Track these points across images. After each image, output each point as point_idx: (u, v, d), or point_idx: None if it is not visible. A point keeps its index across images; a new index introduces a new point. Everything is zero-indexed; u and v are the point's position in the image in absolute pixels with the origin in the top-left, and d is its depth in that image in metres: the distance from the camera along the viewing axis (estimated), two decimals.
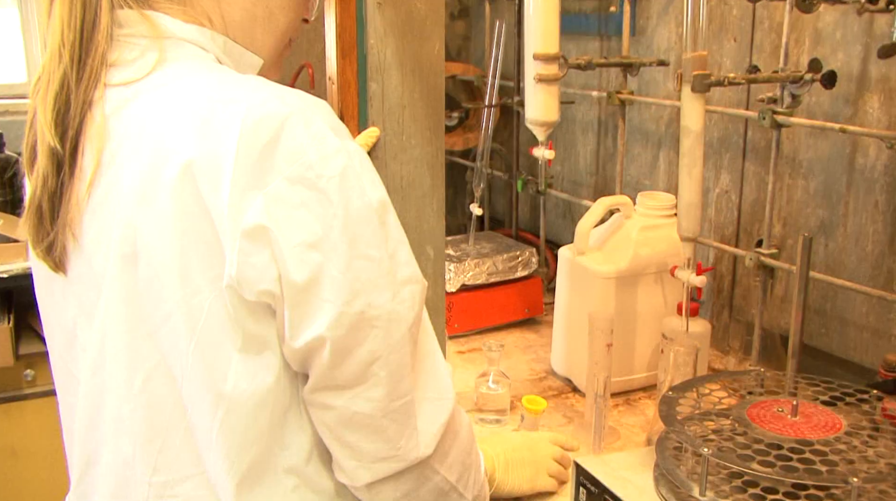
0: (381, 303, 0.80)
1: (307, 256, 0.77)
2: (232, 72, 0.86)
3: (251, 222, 0.76)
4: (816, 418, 1.06)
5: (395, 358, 0.82)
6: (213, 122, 0.77)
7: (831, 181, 1.45)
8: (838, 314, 1.46)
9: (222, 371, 0.80)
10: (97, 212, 0.83)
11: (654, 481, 1.08)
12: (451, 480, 0.91)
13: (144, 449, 0.84)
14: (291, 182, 0.76)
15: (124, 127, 0.83)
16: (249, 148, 0.76)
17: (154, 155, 0.79)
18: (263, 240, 0.76)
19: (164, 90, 0.83)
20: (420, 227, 1.40)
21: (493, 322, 1.84)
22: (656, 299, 1.51)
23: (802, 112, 1.43)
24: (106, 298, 0.84)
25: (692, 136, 1.23)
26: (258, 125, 0.76)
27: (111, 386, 0.85)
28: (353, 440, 0.84)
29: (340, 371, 0.80)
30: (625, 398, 1.52)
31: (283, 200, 0.76)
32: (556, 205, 2.16)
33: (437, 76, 1.36)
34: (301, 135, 0.77)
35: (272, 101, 0.78)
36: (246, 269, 0.77)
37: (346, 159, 0.78)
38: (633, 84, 1.80)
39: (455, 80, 2.37)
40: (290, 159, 0.76)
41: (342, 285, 0.77)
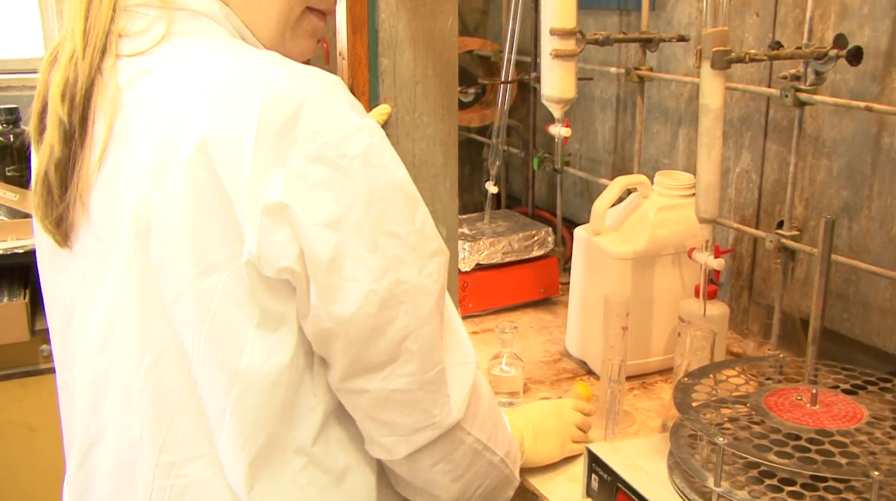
0: (408, 279, 0.80)
1: (327, 235, 0.76)
2: (248, 47, 0.84)
3: (271, 199, 0.75)
4: (837, 407, 1.03)
5: (426, 331, 0.83)
6: (230, 99, 0.76)
7: (856, 161, 1.41)
8: (861, 298, 1.42)
9: (237, 348, 0.79)
10: (108, 186, 0.82)
11: (667, 469, 1.05)
12: (483, 439, 0.94)
13: (152, 430, 0.83)
14: (312, 160, 0.75)
15: (138, 100, 0.81)
16: (270, 125, 0.75)
17: (169, 131, 0.78)
18: (284, 217, 0.75)
19: (178, 63, 0.81)
20: (433, 206, 1.37)
21: (508, 302, 1.82)
22: (674, 281, 1.48)
23: (826, 90, 1.39)
24: (116, 275, 0.83)
25: (711, 115, 1.20)
26: (278, 102, 0.75)
27: (118, 365, 0.84)
28: (390, 417, 0.85)
29: (374, 350, 0.81)
30: (641, 381, 1.50)
31: (304, 178, 0.75)
32: (573, 184, 2.12)
33: (451, 51, 1.33)
34: (322, 113, 0.76)
35: (291, 79, 0.77)
36: (266, 246, 0.76)
37: (368, 138, 0.78)
38: (652, 60, 1.75)
39: (472, 55, 2.33)
40: (311, 137, 0.75)
41: (368, 263, 0.77)
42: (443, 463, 0.90)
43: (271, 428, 0.82)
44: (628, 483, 1.04)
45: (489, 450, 0.95)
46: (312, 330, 0.80)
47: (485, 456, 0.95)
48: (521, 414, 1.22)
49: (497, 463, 0.97)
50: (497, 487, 0.99)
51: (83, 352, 0.88)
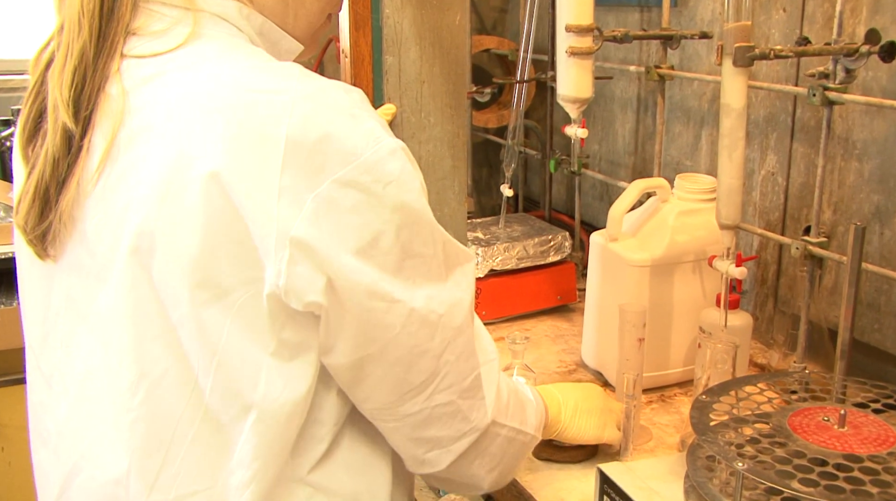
0: (439, 293, 0.79)
1: (358, 262, 0.72)
2: (269, 57, 0.79)
3: (298, 228, 0.70)
4: (867, 429, 0.96)
5: (462, 340, 0.82)
6: (253, 117, 0.70)
7: (888, 164, 1.33)
8: (893, 309, 1.35)
9: (251, 377, 0.74)
10: (106, 198, 0.76)
11: (683, 494, 0.99)
12: (516, 426, 0.94)
13: (142, 464, 0.77)
14: (342, 185, 0.71)
15: (147, 107, 0.75)
16: (298, 146, 0.70)
17: (183, 146, 0.72)
18: (311, 248, 0.71)
19: (194, 71, 0.75)
20: (440, 211, 1.32)
21: (523, 309, 1.75)
22: (694, 290, 1.41)
23: (857, 88, 1.31)
24: (112, 293, 0.76)
25: (733, 115, 1.13)
26: (307, 121, 0.70)
27: (108, 391, 0.78)
28: (433, 433, 0.84)
29: (416, 369, 0.80)
30: (659, 394, 1.43)
31: (334, 205, 0.71)
32: (592, 187, 2.06)
33: (459, 49, 1.27)
34: (354, 134, 0.71)
35: (319, 95, 0.72)
36: (295, 279, 0.72)
37: (402, 161, 0.75)
38: (674, 58, 1.69)
39: (489, 54, 2.28)
40: (342, 160, 0.71)
41: (399, 284, 0.76)
42: (480, 459, 0.90)
43: (282, 461, 0.78)
44: None
45: (522, 433, 0.96)
46: (347, 361, 0.77)
47: (518, 440, 0.95)
48: (566, 389, 1.18)
49: (528, 442, 0.98)
50: (525, 454, 1.00)
51: (65, 374, 0.82)
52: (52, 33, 0.79)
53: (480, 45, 2.20)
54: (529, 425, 0.97)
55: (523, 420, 0.96)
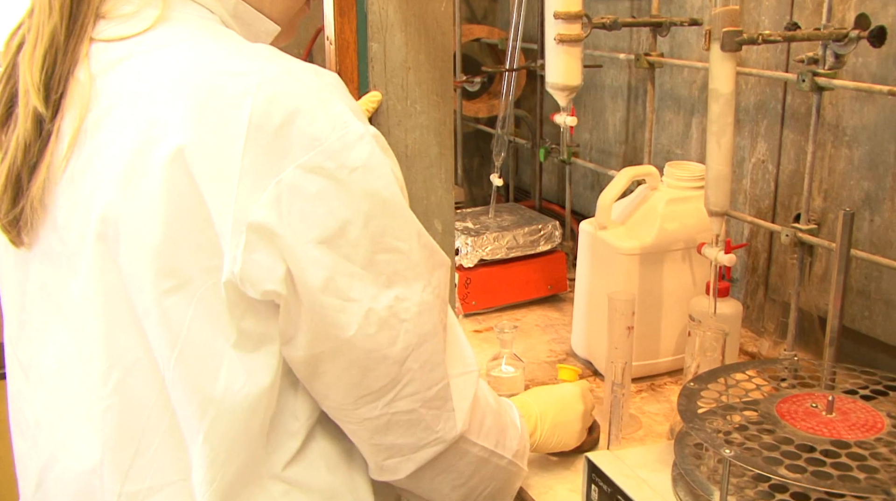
0: (410, 296, 0.75)
1: (320, 253, 0.69)
2: (239, 38, 0.77)
3: (260, 214, 0.68)
4: (855, 415, 0.95)
5: (428, 347, 0.78)
6: (217, 97, 0.69)
7: (878, 150, 1.32)
8: (883, 296, 1.34)
9: (212, 369, 0.72)
10: (75, 182, 0.75)
11: (671, 482, 0.98)
12: (490, 446, 0.89)
13: (116, 454, 0.76)
14: (307, 170, 0.68)
15: (113, 91, 0.73)
16: (261, 129, 0.68)
17: (146, 129, 0.70)
18: (271, 235, 0.68)
19: (161, 53, 0.74)
20: (427, 199, 1.31)
21: (514, 299, 1.74)
22: (684, 277, 1.40)
23: (847, 74, 1.30)
24: (82, 281, 0.75)
25: (722, 101, 1.12)
26: (271, 103, 0.68)
27: (82, 381, 0.77)
28: (392, 439, 0.80)
29: (375, 374, 0.76)
30: (649, 383, 1.42)
31: (297, 191, 0.68)
32: (583, 176, 2.05)
33: (445, 35, 1.26)
34: (320, 117, 0.69)
35: (287, 77, 0.70)
36: (251, 267, 0.69)
37: (370, 147, 0.72)
38: (664, 46, 1.67)
39: (479, 43, 2.26)
40: (307, 145, 0.68)
41: (366, 281, 0.71)
42: (445, 474, 0.86)
43: (246, 456, 0.76)
44: (629, 495, 0.96)
45: (496, 455, 0.90)
46: (303, 354, 0.74)
47: (491, 462, 0.90)
48: (542, 398, 1.12)
49: (505, 466, 0.92)
50: (505, 486, 0.94)
51: (40, 364, 0.81)
52: (23, 17, 0.78)
53: (470, 35, 2.19)
54: (507, 449, 0.92)
55: (500, 442, 0.91)
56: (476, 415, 0.87)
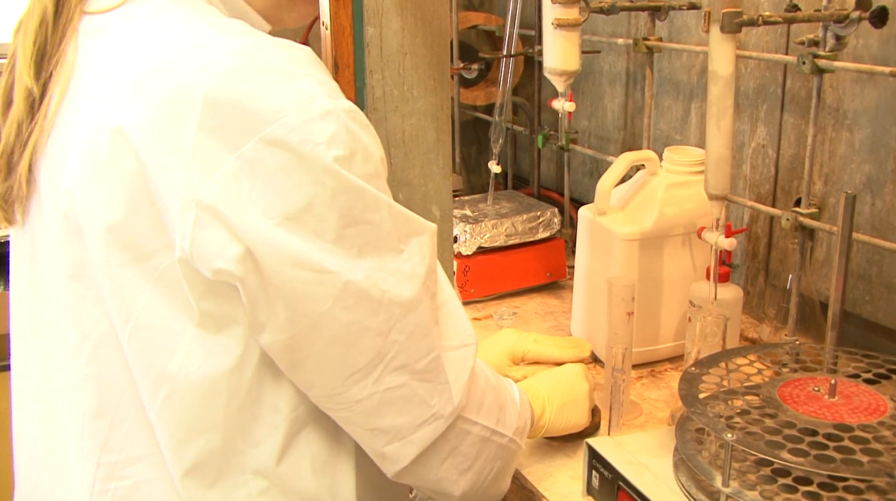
0: (387, 264, 0.73)
1: (288, 229, 0.67)
2: (216, 14, 0.76)
3: (212, 191, 0.66)
4: (858, 399, 0.95)
5: (413, 318, 0.75)
6: (176, 70, 0.67)
7: (879, 133, 1.31)
8: (885, 280, 1.33)
9: (168, 348, 0.71)
10: (53, 158, 0.75)
11: (673, 467, 0.97)
12: (490, 425, 0.87)
13: (94, 424, 0.76)
14: (268, 144, 0.66)
15: (86, 64, 0.74)
16: (219, 102, 0.66)
17: (102, 105, 0.70)
18: (225, 211, 0.66)
19: (131, 26, 0.73)
20: (425, 186, 1.29)
21: (513, 286, 1.73)
22: (684, 263, 1.39)
23: (848, 56, 1.29)
24: (55, 254, 0.76)
25: (721, 83, 1.11)
26: (232, 77, 0.66)
27: (61, 352, 0.77)
28: (389, 421, 0.78)
29: (359, 348, 0.73)
30: (649, 369, 1.41)
31: (258, 165, 0.66)
32: (582, 163, 2.03)
33: (442, 20, 1.25)
34: (283, 91, 0.67)
35: (252, 50, 0.68)
36: (201, 244, 0.67)
37: (335, 123, 0.69)
38: (662, 31, 1.66)
39: (477, 30, 2.25)
40: (269, 119, 0.66)
41: (338, 254, 0.69)
42: (451, 459, 0.83)
43: (212, 442, 0.74)
44: (630, 481, 0.96)
45: (498, 434, 0.89)
46: (281, 338, 0.71)
47: (493, 441, 0.88)
48: (547, 381, 1.10)
49: (506, 444, 0.91)
50: (507, 465, 0.93)
51: (33, 335, 0.81)
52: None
53: (468, 22, 2.17)
54: (507, 427, 0.90)
55: (500, 420, 0.89)
56: (475, 392, 0.85)
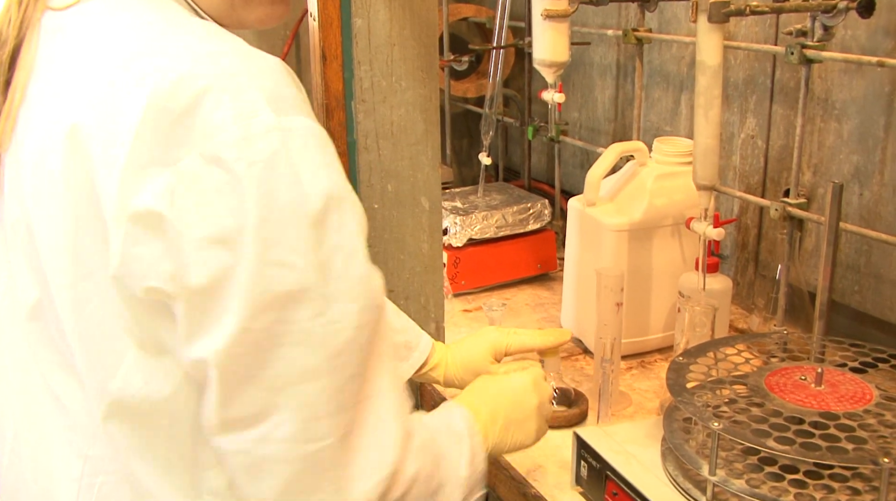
0: (296, 320, 0.65)
1: (211, 254, 0.63)
2: (181, 13, 0.72)
3: (145, 204, 0.63)
4: (844, 387, 0.95)
5: (309, 389, 0.67)
6: (123, 77, 0.65)
7: (867, 124, 1.31)
8: (873, 270, 1.33)
9: (111, 365, 0.69)
10: (14, 157, 0.74)
11: (660, 456, 0.98)
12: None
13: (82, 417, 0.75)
14: (207, 161, 0.63)
15: (45, 63, 0.72)
16: (161, 112, 0.63)
17: (55, 107, 0.68)
18: (158, 227, 0.63)
19: (91, 26, 0.71)
20: (413, 177, 1.30)
21: (503, 278, 1.74)
22: (673, 253, 1.40)
23: (836, 47, 1.29)
24: (15, 260, 0.75)
25: (709, 73, 1.11)
26: (177, 86, 0.63)
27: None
28: (264, 492, 0.69)
29: (245, 396, 0.66)
30: (639, 360, 1.42)
31: (196, 181, 0.63)
32: (572, 155, 2.03)
33: (430, 11, 1.25)
34: (227, 106, 0.63)
35: (203, 59, 0.65)
36: (131, 261, 0.64)
37: (278, 142, 0.64)
38: (652, 22, 1.66)
39: (467, 22, 2.24)
40: (208, 134, 0.63)
41: (249, 295, 0.64)
42: None
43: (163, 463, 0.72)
44: (618, 471, 0.96)
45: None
46: (189, 361, 0.67)
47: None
48: (490, 396, 0.96)
49: None
50: None
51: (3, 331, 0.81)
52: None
53: (458, 14, 2.17)
54: None
55: None
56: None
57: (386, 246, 1.30)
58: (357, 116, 1.23)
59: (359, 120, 1.23)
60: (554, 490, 1.07)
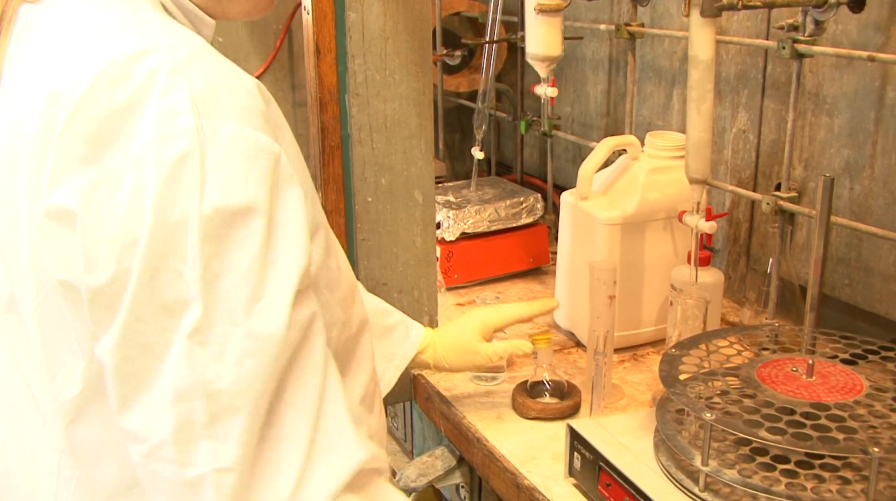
0: (179, 333, 0.62)
1: (114, 255, 0.61)
2: (145, 10, 0.71)
3: (61, 200, 0.62)
4: (834, 378, 0.96)
5: (184, 409, 0.62)
6: (64, 73, 0.64)
7: (858, 118, 1.32)
8: (863, 263, 1.34)
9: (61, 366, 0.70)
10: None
11: (653, 447, 0.98)
12: None
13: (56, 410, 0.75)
14: (126, 160, 0.61)
15: (16, 58, 0.72)
16: (93, 110, 0.62)
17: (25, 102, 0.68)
18: (71, 223, 0.62)
19: (54, 22, 0.71)
20: (407, 171, 1.30)
21: (496, 272, 1.74)
22: (665, 247, 1.40)
23: (827, 42, 1.30)
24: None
25: (701, 67, 1.11)
26: (114, 84, 0.62)
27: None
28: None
29: (131, 409, 0.64)
30: (631, 353, 1.42)
31: (112, 180, 0.61)
32: (565, 149, 2.04)
33: (423, 5, 1.25)
34: (155, 105, 0.62)
35: (147, 55, 0.63)
36: (46, 254, 0.64)
37: (188, 145, 0.61)
38: (644, 17, 1.67)
39: (460, 17, 2.24)
40: (133, 133, 0.62)
41: (139, 297, 0.62)
42: None
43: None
44: (611, 462, 0.97)
45: None
46: (95, 360, 0.66)
47: None
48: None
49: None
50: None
51: None
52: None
53: (451, 8, 2.17)
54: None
55: None
56: None
57: (380, 239, 1.30)
58: (351, 110, 1.23)
59: (353, 113, 1.23)
60: (547, 481, 1.08)
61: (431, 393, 1.31)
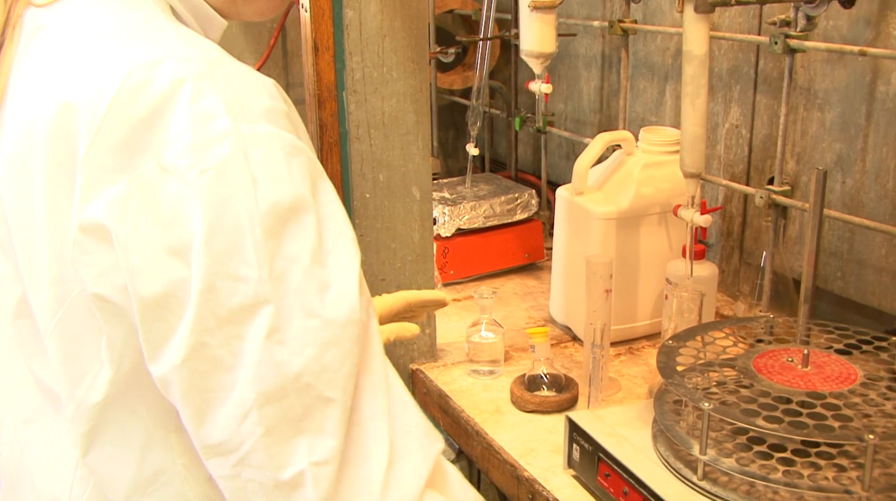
0: (253, 337, 0.62)
1: (164, 266, 0.61)
2: (155, 15, 0.71)
3: (96, 213, 0.62)
4: (829, 368, 0.97)
5: (273, 411, 0.62)
6: (86, 81, 0.64)
7: (849, 112, 1.34)
8: (856, 256, 1.36)
9: (82, 370, 0.69)
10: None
11: (651, 438, 1.00)
12: None
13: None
14: (163, 169, 0.61)
15: (25, 63, 0.71)
16: (121, 118, 0.61)
17: (29, 108, 0.68)
18: (108, 236, 0.62)
19: (66, 25, 0.70)
20: (405, 167, 1.31)
21: (491, 268, 1.75)
22: (660, 241, 1.42)
23: (819, 36, 1.32)
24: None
25: (695, 62, 1.13)
26: (140, 91, 0.61)
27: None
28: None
29: (213, 422, 0.63)
30: (627, 346, 1.44)
31: (149, 192, 0.61)
32: (558, 145, 2.05)
33: (420, 2, 1.26)
34: (187, 110, 0.61)
35: (167, 63, 0.63)
36: (82, 268, 0.64)
37: (231, 148, 0.61)
38: (637, 13, 1.68)
39: (453, 15, 2.25)
40: (166, 141, 0.61)
41: (202, 308, 0.61)
42: None
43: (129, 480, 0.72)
44: (610, 452, 0.98)
45: None
46: (155, 377, 0.65)
47: None
48: None
49: None
50: None
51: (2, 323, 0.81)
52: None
53: (444, 6, 2.18)
54: None
55: None
56: None
57: (378, 235, 1.31)
58: (349, 107, 1.24)
59: (350, 110, 1.25)
60: (547, 472, 1.09)
61: (430, 387, 1.33)
